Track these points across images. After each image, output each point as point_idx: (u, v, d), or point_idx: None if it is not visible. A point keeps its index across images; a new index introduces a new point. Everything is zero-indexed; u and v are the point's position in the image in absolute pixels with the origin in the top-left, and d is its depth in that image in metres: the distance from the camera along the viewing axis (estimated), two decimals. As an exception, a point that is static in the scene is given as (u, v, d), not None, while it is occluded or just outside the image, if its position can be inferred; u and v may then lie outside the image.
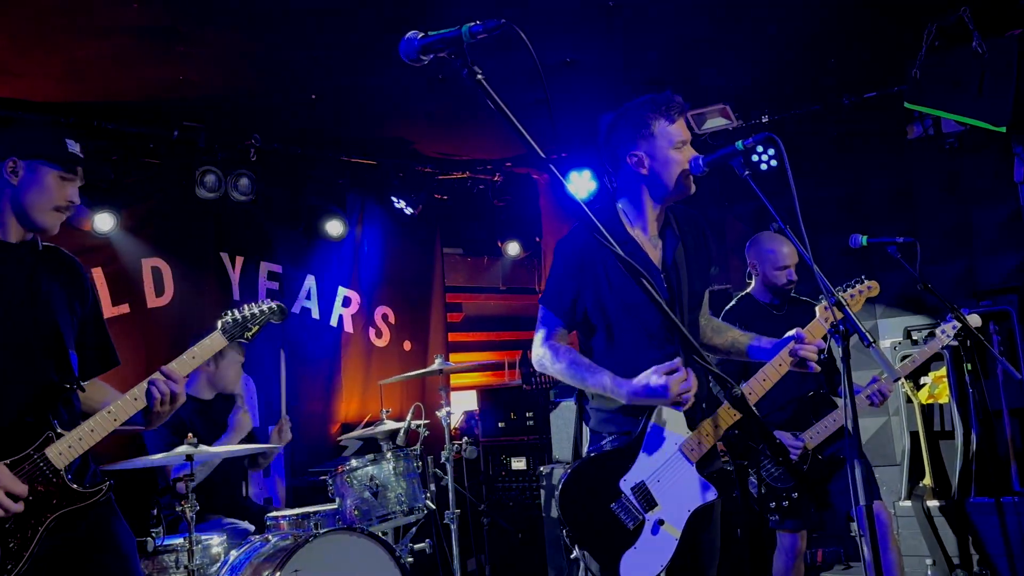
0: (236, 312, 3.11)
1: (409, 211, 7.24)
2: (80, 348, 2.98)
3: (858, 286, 3.46)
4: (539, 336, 3.11)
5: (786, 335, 3.08)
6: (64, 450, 2.74)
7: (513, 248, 8.02)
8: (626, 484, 2.89)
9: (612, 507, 2.86)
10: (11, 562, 2.61)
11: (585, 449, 3.09)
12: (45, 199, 2.86)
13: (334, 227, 6.82)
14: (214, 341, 3.03)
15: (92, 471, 2.90)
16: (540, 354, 3.09)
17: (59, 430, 2.77)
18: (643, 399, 2.85)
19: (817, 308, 3.23)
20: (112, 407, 2.83)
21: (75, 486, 2.78)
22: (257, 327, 3.12)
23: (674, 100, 3.05)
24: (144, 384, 2.86)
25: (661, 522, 2.88)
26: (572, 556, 2.93)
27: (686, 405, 2.85)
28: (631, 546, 2.84)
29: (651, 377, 2.80)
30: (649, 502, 2.88)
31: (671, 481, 2.93)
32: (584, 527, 2.85)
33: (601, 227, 1.77)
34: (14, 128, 3.05)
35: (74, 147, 2.92)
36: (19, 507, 2.61)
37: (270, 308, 3.15)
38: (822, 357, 2.56)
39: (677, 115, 3.05)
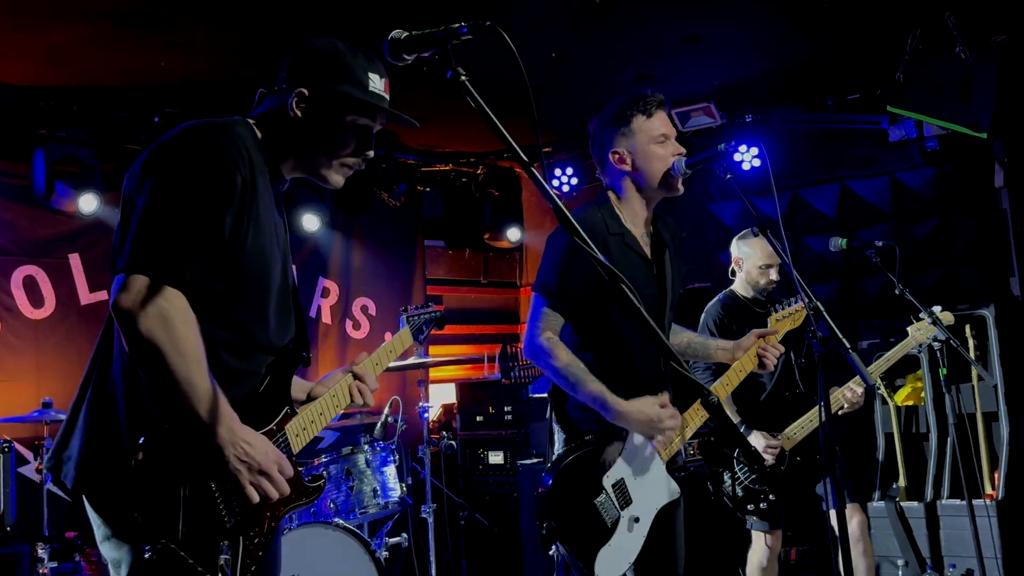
0: (416, 315, 2.84)
1: (391, 203, 7.20)
2: None
3: (794, 306, 3.45)
4: (537, 327, 2.98)
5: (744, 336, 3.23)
6: (300, 431, 2.28)
7: (514, 234, 7.92)
8: (608, 480, 2.90)
9: (595, 502, 2.88)
10: (252, 563, 2.11)
11: (557, 448, 3.06)
12: (331, 148, 2.30)
13: (312, 220, 6.75)
14: (405, 342, 2.72)
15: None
16: (536, 346, 2.96)
17: (295, 407, 2.30)
18: (629, 424, 2.87)
19: (769, 319, 3.35)
20: (334, 392, 2.39)
21: (305, 478, 2.29)
22: (428, 332, 2.88)
23: (651, 95, 3.08)
24: (349, 378, 2.45)
25: (636, 519, 2.92)
26: (550, 552, 2.95)
27: (663, 444, 2.93)
28: (606, 543, 2.86)
29: (649, 407, 2.86)
30: (626, 499, 2.91)
31: (644, 479, 2.96)
32: (568, 523, 2.85)
33: (580, 230, 1.75)
34: (307, 50, 2.28)
35: (377, 83, 2.30)
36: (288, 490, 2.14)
37: (437, 314, 2.92)
38: (794, 359, 2.62)
39: (655, 109, 3.07)
